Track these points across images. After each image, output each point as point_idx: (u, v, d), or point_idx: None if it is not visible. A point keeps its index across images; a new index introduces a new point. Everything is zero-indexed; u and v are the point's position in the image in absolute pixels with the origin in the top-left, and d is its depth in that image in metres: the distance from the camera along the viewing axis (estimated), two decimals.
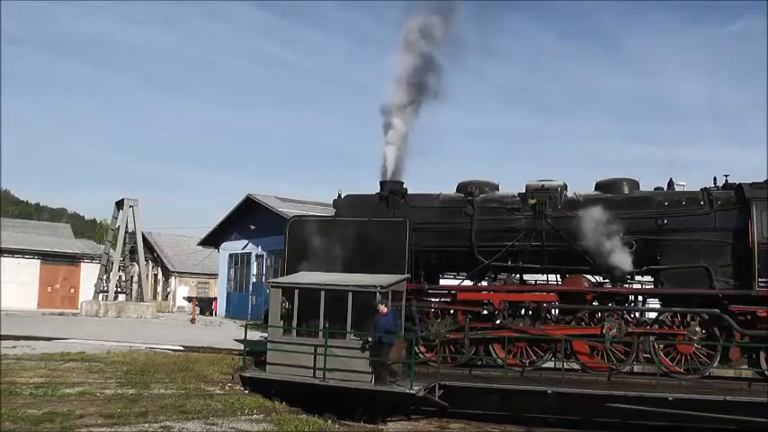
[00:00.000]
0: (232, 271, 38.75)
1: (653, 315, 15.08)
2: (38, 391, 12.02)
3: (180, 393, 12.80)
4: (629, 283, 15.16)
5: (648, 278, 15.36)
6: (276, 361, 14.15)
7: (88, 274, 38.24)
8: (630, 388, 13.45)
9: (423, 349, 15.68)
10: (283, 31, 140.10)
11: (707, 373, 14.40)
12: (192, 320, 31.92)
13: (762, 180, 14.61)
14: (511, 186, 16.56)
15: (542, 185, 15.62)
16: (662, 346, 14.62)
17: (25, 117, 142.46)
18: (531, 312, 15.27)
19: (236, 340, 19.59)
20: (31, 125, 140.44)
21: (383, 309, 13.18)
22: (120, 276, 34.99)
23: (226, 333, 23.98)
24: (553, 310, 15.26)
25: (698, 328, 14.36)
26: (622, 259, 14.67)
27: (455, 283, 16.60)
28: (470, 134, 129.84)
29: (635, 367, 15.22)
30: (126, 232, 34.80)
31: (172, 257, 49.31)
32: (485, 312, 15.41)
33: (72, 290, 39.39)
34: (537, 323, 15.07)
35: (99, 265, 35.96)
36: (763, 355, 14.14)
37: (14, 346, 16.58)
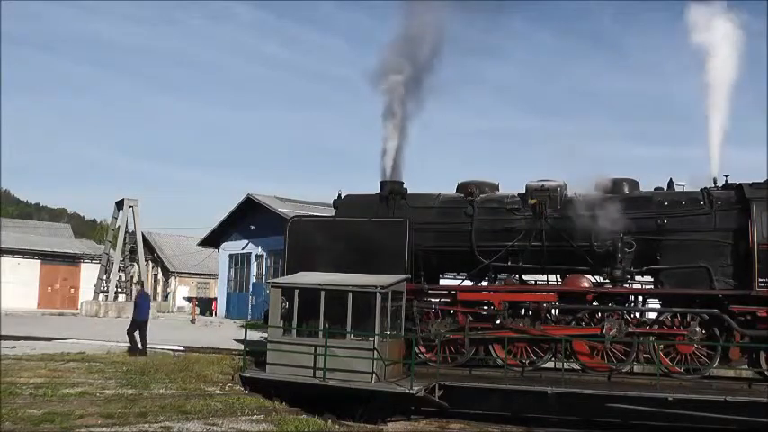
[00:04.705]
0: (232, 271, 38.76)
1: (653, 315, 15.07)
2: (38, 391, 12.02)
3: (180, 393, 12.80)
4: (629, 284, 15.15)
5: (648, 278, 15.36)
6: (276, 361, 14.15)
7: (88, 274, 38.31)
8: (630, 388, 13.44)
9: (423, 349, 15.68)
10: (283, 31, 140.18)
11: (707, 374, 14.37)
12: (192, 321, 31.94)
13: (762, 180, 14.60)
14: (511, 186, 16.57)
15: (542, 185, 15.60)
16: (662, 346, 14.61)
17: (25, 117, 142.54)
18: (531, 312, 15.26)
19: (237, 340, 19.60)
20: (31, 125, 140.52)
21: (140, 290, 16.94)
22: (120, 276, 35.03)
23: (226, 333, 24.00)
24: (553, 310, 15.24)
25: (698, 329, 14.35)
26: (622, 259, 14.66)
27: (455, 283, 16.60)
28: (470, 134, 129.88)
29: (635, 367, 15.20)
30: (126, 232, 34.86)
31: (172, 257, 49.34)
32: (485, 313, 15.42)
33: (72, 290, 39.44)
34: (537, 323, 15.06)
35: (99, 265, 36.01)
36: (763, 355, 14.13)
37: (14, 347, 16.59)
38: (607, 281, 15.09)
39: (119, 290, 34.97)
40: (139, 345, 16.52)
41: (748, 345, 14.15)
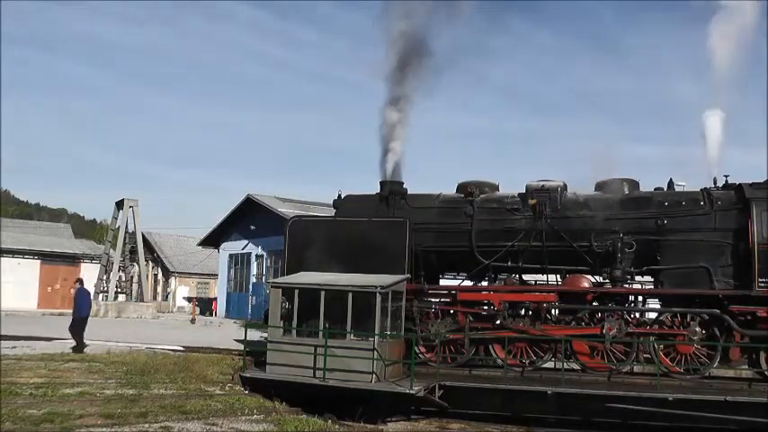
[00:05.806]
0: (232, 271, 38.77)
1: (653, 315, 15.06)
2: (38, 391, 12.00)
3: (180, 393, 12.79)
4: (629, 284, 15.15)
5: (648, 278, 15.35)
6: (276, 361, 14.14)
7: (88, 274, 38.22)
8: (630, 388, 13.44)
9: (423, 349, 15.68)
10: (283, 31, 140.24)
11: (707, 374, 14.37)
12: (193, 321, 31.95)
13: (762, 180, 14.60)
14: (511, 187, 16.55)
15: (542, 185, 15.59)
16: (662, 346, 14.60)
17: (25, 117, 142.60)
18: (531, 312, 15.25)
19: (237, 340, 19.60)
20: (32, 125, 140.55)
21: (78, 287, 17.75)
22: (120, 277, 35.05)
23: (226, 333, 24.00)
24: (553, 311, 15.24)
25: (698, 329, 14.34)
26: (622, 259, 14.65)
27: (455, 283, 16.59)
28: (470, 135, 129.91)
29: (635, 367, 15.20)
30: (126, 232, 34.86)
31: (172, 258, 49.36)
32: (485, 313, 15.41)
33: (72, 290, 39.36)
34: (537, 323, 15.05)
35: (99, 265, 36.01)
36: (763, 355, 14.12)
37: (14, 347, 16.58)
38: (607, 281, 15.10)
39: (119, 290, 34.97)
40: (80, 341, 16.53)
41: (748, 345, 14.14)
